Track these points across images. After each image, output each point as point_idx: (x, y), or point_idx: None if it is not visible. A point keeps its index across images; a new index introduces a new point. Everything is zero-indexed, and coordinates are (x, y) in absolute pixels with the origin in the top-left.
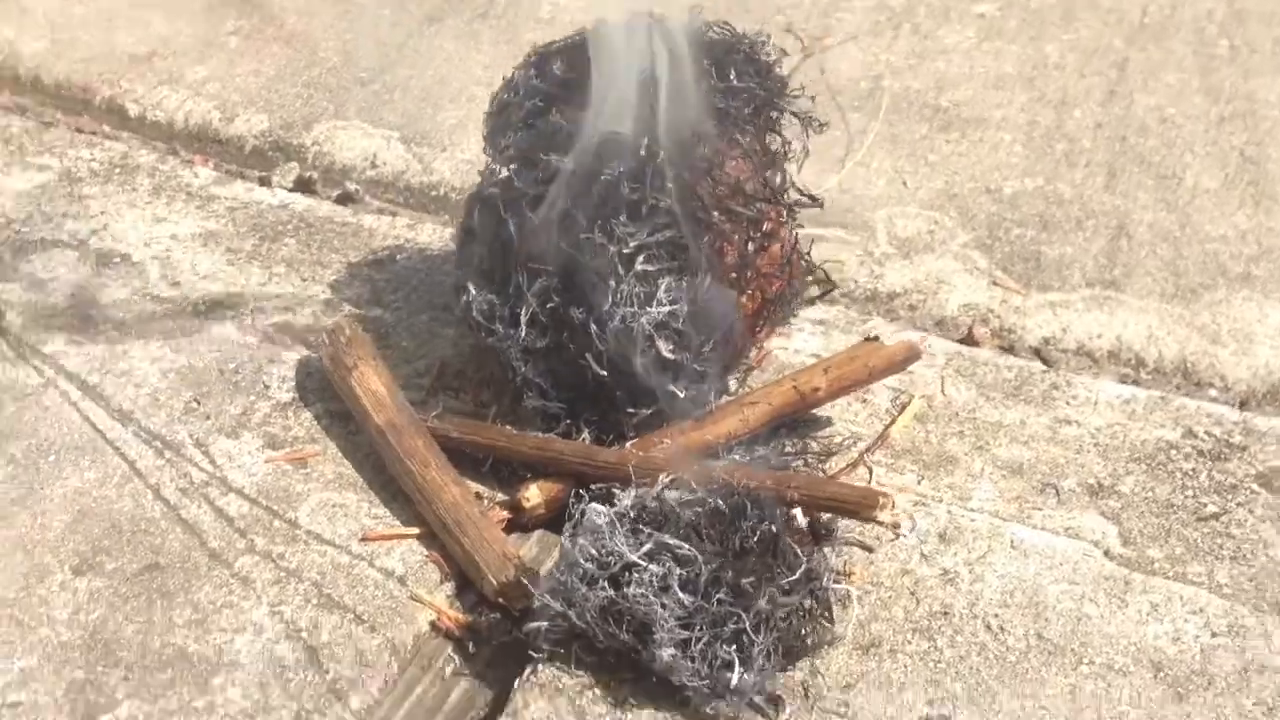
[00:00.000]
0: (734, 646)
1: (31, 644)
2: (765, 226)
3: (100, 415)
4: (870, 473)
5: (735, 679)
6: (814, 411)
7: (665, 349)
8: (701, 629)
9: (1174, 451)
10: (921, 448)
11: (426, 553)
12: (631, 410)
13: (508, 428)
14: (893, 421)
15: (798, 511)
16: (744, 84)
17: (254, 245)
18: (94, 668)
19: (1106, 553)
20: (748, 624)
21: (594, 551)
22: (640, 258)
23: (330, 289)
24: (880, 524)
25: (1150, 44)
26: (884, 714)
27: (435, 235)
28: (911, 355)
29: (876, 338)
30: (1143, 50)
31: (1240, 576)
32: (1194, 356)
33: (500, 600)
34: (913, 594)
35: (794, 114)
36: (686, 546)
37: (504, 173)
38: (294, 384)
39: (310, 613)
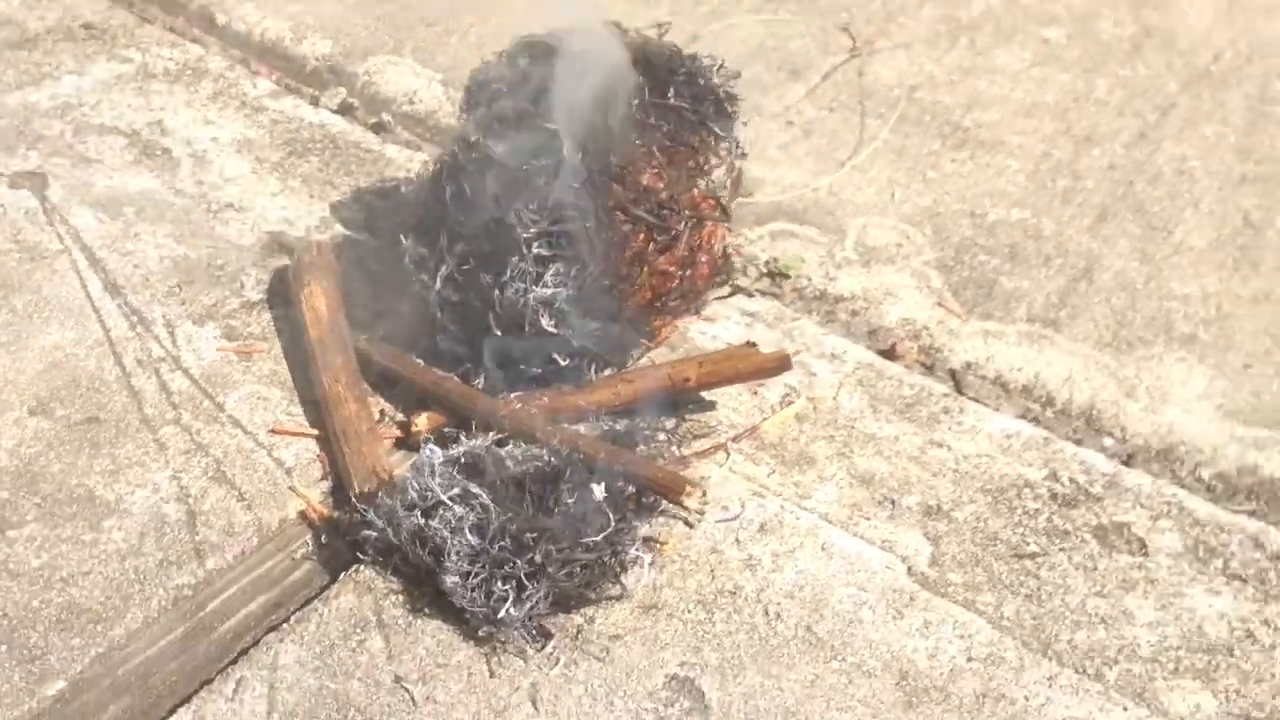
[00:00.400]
0: (509, 586)
1: None
2: (673, 232)
3: (96, 285)
4: (727, 457)
5: (503, 612)
6: (705, 396)
7: (547, 324)
8: (483, 567)
9: (1027, 490)
10: (788, 444)
11: (318, 453)
12: (523, 368)
13: (419, 361)
14: (767, 416)
15: (598, 486)
16: (677, 103)
17: (280, 158)
18: (18, 492)
19: (910, 569)
20: (522, 571)
21: (417, 484)
22: (538, 243)
23: (331, 209)
24: (686, 509)
25: (1206, 92)
26: (637, 666)
27: None
28: (782, 365)
29: (753, 344)
30: (1195, 97)
31: (1024, 614)
32: (1103, 404)
33: (360, 505)
34: (712, 571)
35: (719, 137)
36: (485, 496)
37: (456, 144)
38: (265, 288)
39: (203, 483)
